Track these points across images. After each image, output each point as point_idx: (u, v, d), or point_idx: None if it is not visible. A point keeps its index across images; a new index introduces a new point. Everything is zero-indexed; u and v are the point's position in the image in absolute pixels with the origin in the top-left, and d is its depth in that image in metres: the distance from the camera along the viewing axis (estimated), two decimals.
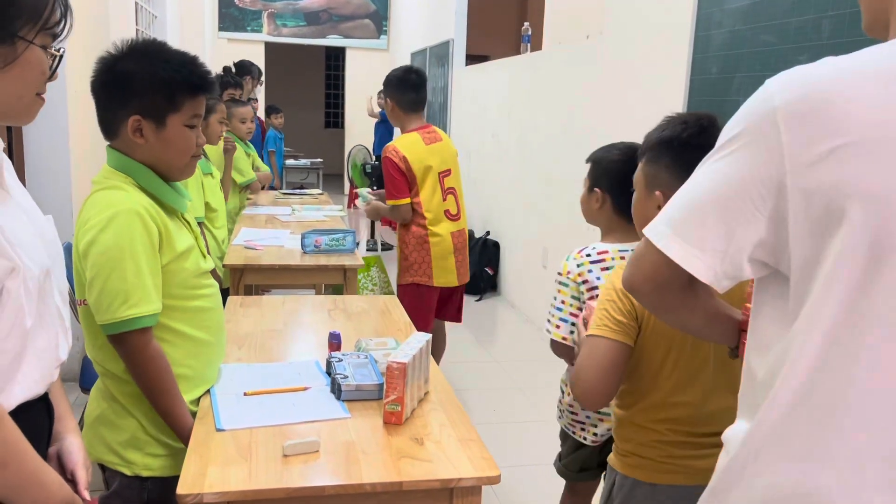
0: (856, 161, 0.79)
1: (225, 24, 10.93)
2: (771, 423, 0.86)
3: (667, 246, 0.93)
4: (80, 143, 3.40)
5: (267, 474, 1.31)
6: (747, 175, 0.87)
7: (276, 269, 3.09)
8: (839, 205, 0.80)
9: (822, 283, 0.82)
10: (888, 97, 0.80)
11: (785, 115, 0.84)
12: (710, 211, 0.90)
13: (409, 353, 1.56)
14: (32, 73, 1.03)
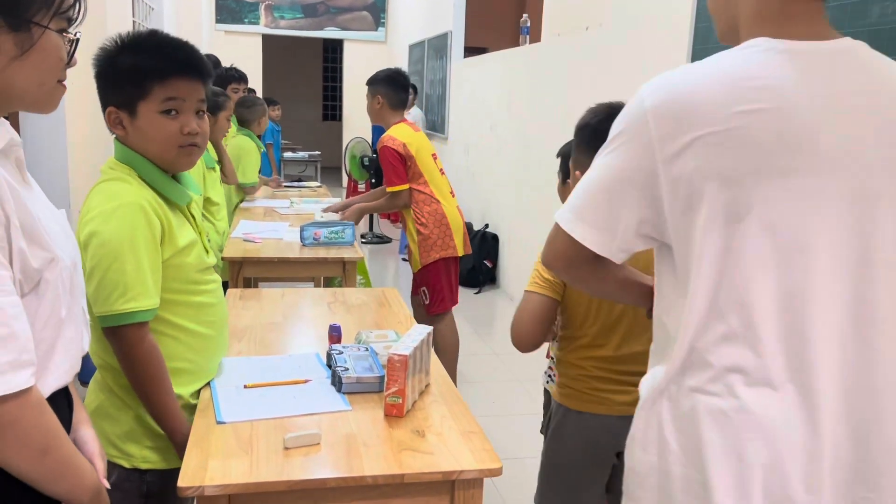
0: (708, 150, 1.00)
1: (222, 16, 10.89)
2: (677, 367, 1.08)
3: (571, 228, 1.12)
4: (78, 136, 3.39)
5: (268, 467, 1.31)
6: (628, 166, 1.07)
7: (275, 262, 3.09)
8: (699, 186, 1.01)
9: (696, 252, 1.04)
10: (731, 97, 1.00)
11: (654, 116, 1.04)
12: (602, 197, 1.10)
13: (411, 345, 1.55)
14: (51, 59, 1.02)
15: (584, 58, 4.36)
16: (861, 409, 1.02)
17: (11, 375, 0.91)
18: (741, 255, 1.02)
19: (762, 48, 1.05)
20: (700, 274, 1.04)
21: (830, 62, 1.05)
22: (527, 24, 5.95)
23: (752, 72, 1.03)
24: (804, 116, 1.01)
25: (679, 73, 1.06)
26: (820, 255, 1.01)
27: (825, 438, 1.01)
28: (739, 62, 1.04)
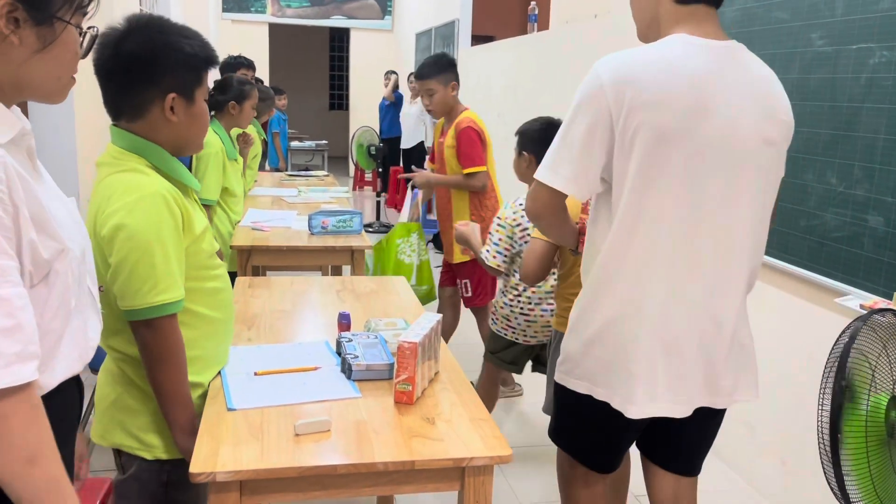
0: (644, 113, 1.39)
1: (229, 5, 10.87)
2: (608, 273, 1.50)
3: (552, 181, 1.48)
4: (86, 125, 3.39)
5: (279, 453, 1.31)
6: (591, 126, 1.44)
7: (283, 251, 3.09)
8: (634, 136, 1.40)
9: (625, 188, 1.44)
10: (661, 76, 1.40)
11: (609, 87, 1.41)
12: (573, 154, 1.46)
13: (420, 332, 1.56)
14: (69, 53, 1.03)
15: (593, 46, 4.33)
16: (715, 306, 1.49)
17: (18, 367, 0.90)
18: (652, 193, 1.43)
19: (682, 42, 1.45)
20: (621, 206, 1.45)
21: (726, 56, 1.46)
22: (535, 11, 5.91)
23: (676, 58, 1.43)
24: (707, 92, 1.41)
25: (624, 56, 1.45)
26: (700, 196, 1.44)
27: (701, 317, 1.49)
28: (667, 51, 1.45)
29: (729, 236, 1.47)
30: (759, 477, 2.80)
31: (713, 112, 1.41)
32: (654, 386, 1.49)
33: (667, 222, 1.44)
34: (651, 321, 1.47)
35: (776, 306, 2.70)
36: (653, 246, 1.45)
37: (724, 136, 1.42)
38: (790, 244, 2.56)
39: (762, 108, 1.46)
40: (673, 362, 1.49)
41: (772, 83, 1.51)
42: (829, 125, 2.37)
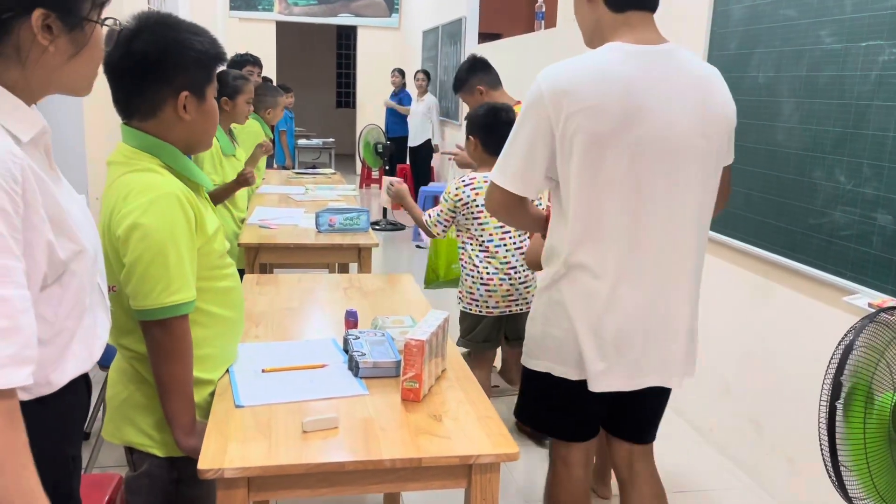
0: (581, 119, 1.53)
1: (236, 3, 10.88)
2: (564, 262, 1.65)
3: (502, 182, 1.66)
4: (95, 124, 3.41)
5: (286, 450, 1.32)
6: (534, 132, 1.59)
7: (290, 248, 3.10)
8: (572, 140, 1.55)
9: (570, 187, 1.59)
10: (595, 83, 1.54)
11: (549, 97, 1.56)
12: (519, 157, 1.63)
13: (427, 330, 1.56)
14: (99, 51, 1.06)
15: None
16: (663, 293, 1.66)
17: (11, 370, 0.87)
18: (596, 190, 1.58)
19: (616, 49, 1.59)
20: (570, 203, 1.61)
21: (660, 59, 1.60)
22: (542, 9, 5.90)
23: (609, 66, 1.56)
24: (639, 96, 1.55)
25: (562, 66, 1.59)
26: (644, 191, 1.58)
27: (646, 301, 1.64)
28: (600, 59, 1.58)
29: (674, 228, 1.63)
30: (766, 476, 2.80)
31: (647, 113, 1.55)
32: (610, 365, 1.66)
33: (609, 215, 1.59)
34: (604, 307, 1.63)
35: (784, 305, 2.69)
36: (600, 239, 1.61)
37: (661, 135, 1.56)
38: (798, 242, 2.55)
39: (698, 105, 1.60)
40: (625, 345, 1.65)
41: (708, 80, 1.64)
42: (838, 123, 2.37)
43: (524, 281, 2.85)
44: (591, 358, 1.65)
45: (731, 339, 3.02)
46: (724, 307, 3.06)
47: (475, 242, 2.83)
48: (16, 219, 0.91)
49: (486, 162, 2.73)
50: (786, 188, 2.61)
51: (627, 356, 1.66)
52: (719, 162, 1.69)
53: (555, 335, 1.69)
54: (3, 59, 0.97)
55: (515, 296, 2.84)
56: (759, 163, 2.76)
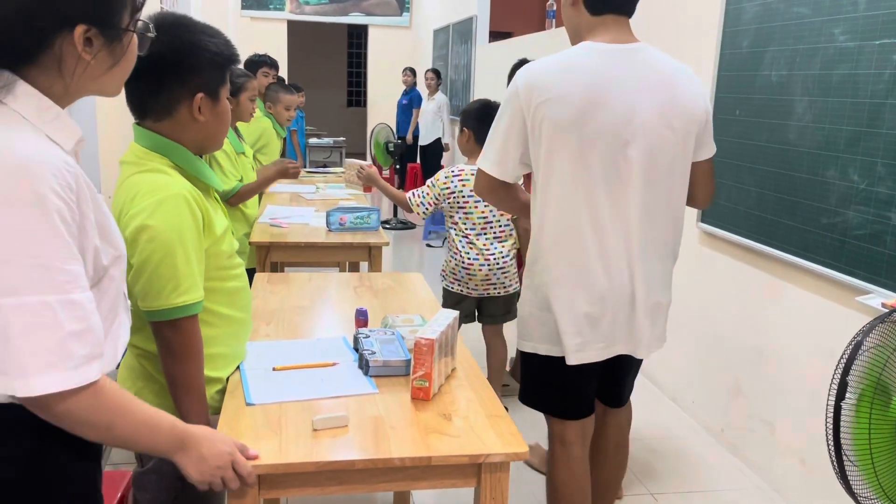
0: (548, 109, 1.72)
1: (248, 3, 10.92)
2: (539, 246, 1.84)
3: (485, 167, 1.86)
4: (108, 125, 3.43)
5: (297, 448, 1.32)
6: (511, 123, 1.80)
7: (301, 247, 3.11)
8: (541, 128, 1.74)
9: (541, 172, 1.79)
10: (563, 77, 1.73)
11: (522, 91, 1.76)
12: (500, 146, 1.83)
13: (437, 329, 1.56)
14: (133, 56, 1.08)
15: None
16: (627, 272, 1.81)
17: (86, 368, 0.97)
18: (563, 175, 1.76)
19: (585, 48, 1.79)
20: (541, 187, 1.79)
21: (628, 57, 1.78)
22: (553, 7, 5.89)
23: (577, 62, 1.76)
24: (602, 88, 1.72)
25: (537, 64, 1.79)
26: (608, 176, 1.75)
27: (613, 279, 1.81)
28: (571, 57, 1.78)
29: (639, 212, 1.79)
30: (778, 476, 2.78)
31: (605, 104, 1.72)
32: (584, 339, 1.85)
33: (571, 198, 1.77)
34: (568, 285, 1.82)
35: (797, 305, 2.67)
36: (562, 219, 1.79)
37: (617, 123, 1.73)
38: (811, 242, 2.54)
39: (660, 98, 1.76)
40: (596, 320, 1.84)
41: (676, 76, 1.80)
42: (851, 122, 2.35)
43: (502, 267, 3.11)
44: (567, 333, 1.83)
45: (742, 339, 3.00)
46: (736, 307, 3.04)
47: (458, 230, 3.10)
48: (73, 226, 0.96)
49: (477, 153, 2.82)
50: (798, 187, 2.60)
51: (599, 331, 1.84)
52: (688, 152, 1.84)
53: (536, 316, 1.89)
54: (45, 71, 0.99)
55: (493, 280, 3.11)
56: (772, 162, 2.74)
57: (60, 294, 0.94)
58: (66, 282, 0.94)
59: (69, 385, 0.95)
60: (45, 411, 0.97)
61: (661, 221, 1.84)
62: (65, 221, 0.94)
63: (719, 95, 3.09)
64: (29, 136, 0.96)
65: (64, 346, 0.94)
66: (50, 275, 0.93)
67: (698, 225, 3.26)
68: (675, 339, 3.55)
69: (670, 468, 2.96)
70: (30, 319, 0.92)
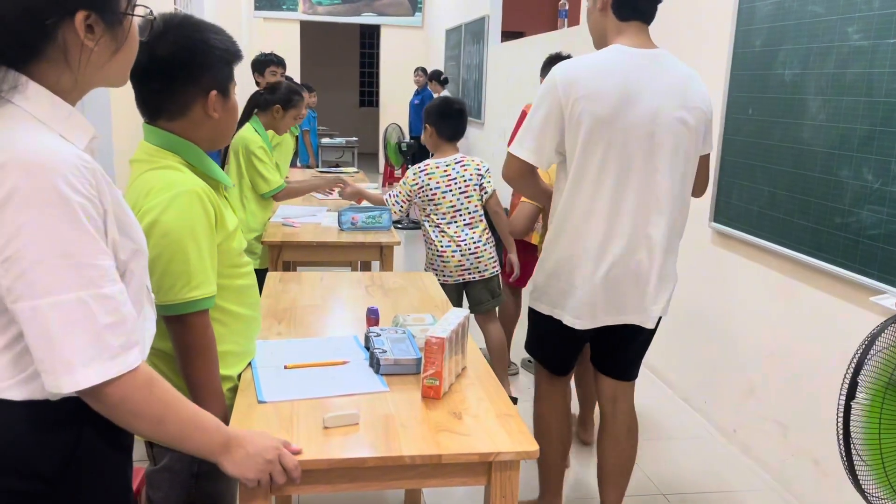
0: (586, 103, 1.92)
1: (260, 3, 10.97)
2: (566, 224, 2.06)
3: (519, 153, 2.04)
4: (122, 123, 3.46)
5: (308, 446, 1.33)
6: (548, 113, 1.99)
7: (313, 246, 3.12)
8: (579, 120, 1.94)
9: (575, 159, 1.98)
10: (598, 75, 1.94)
11: (560, 85, 1.95)
12: (535, 133, 2.02)
13: (448, 328, 1.56)
14: (135, 41, 1.08)
15: None
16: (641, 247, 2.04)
17: (123, 357, 0.99)
18: (596, 162, 1.98)
19: (616, 50, 2.00)
20: (573, 173, 2.01)
21: (652, 60, 2.01)
22: (565, 7, 5.88)
23: (610, 62, 1.98)
24: (633, 87, 1.96)
25: (574, 62, 2.01)
26: (633, 163, 1.98)
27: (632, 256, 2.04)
28: (603, 57, 2.00)
29: (651, 192, 2.01)
30: (792, 478, 2.76)
31: (636, 102, 1.96)
32: (595, 307, 2.06)
33: (603, 183, 1.99)
34: (592, 258, 2.03)
35: (810, 305, 2.66)
36: (592, 201, 2.01)
37: (646, 119, 1.97)
38: (824, 241, 2.52)
39: (679, 99, 2.00)
40: (609, 289, 2.04)
41: (690, 80, 2.05)
42: (866, 121, 2.33)
43: (474, 252, 3.23)
44: (582, 302, 2.06)
45: (755, 339, 2.99)
46: (749, 306, 3.03)
47: (431, 221, 3.25)
48: (99, 220, 0.99)
49: (440, 147, 3.24)
50: (812, 187, 2.58)
51: (611, 299, 2.06)
52: (698, 145, 2.08)
53: (553, 283, 2.12)
54: (52, 64, 1.00)
55: (467, 265, 3.23)
56: (785, 161, 2.72)
57: (93, 289, 0.96)
58: (98, 276, 0.96)
59: (108, 375, 0.97)
60: (100, 404, 1.00)
61: (678, 206, 2.07)
62: (90, 217, 0.96)
63: (732, 94, 3.08)
64: (43, 137, 0.97)
65: (101, 339, 0.97)
66: (81, 271, 0.95)
67: (711, 225, 3.25)
68: (687, 338, 3.54)
69: (682, 469, 2.95)
70: (67, 317, 0.94)
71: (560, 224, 2.07)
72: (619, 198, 1.99)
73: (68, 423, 1.03)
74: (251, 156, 3.18)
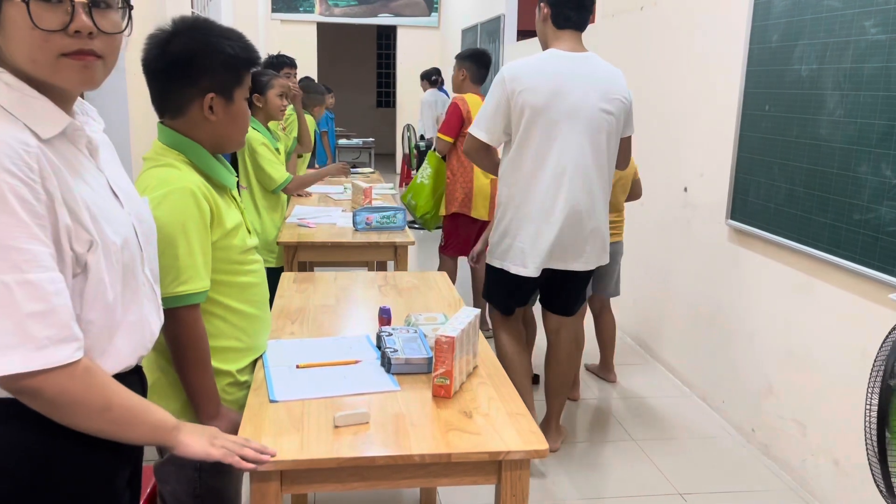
0: (526, 96, 2.50)
1: (277, 5, 11.03)
2: (513, 191, 2.63)
3: (477, 133, 2.62)
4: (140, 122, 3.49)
5: (318, 444, 1.34)
6: (497, 103, 2.56)
7: (328, 247, 3.13)
8: (522, 109, 2.51)
9: (518, 140, 2.57)
10: (535, 73, 2.52)
11: (507, 81, 2.53)
12: (488, 118, 2.59)
13: (458, 327, 1.56)
14: (21, 29, 0.95)
15: (639, 38, 4.27)
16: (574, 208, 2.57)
17: (53, 350, 0.94)
18: (534, 143, 2.53)
19: (551, 54, 2.55)
20: (516, 151, 2.57)
21: (580, 62, 2.54)
22: None
23: (546, 63, 2.53)
24: (563, 83, 2.49)
25: (518, 62, 2.53)
26: (565, 144, 2.51)
27: (569, 216, 2.57)
28: (541, 59, 2.54)
29: (580, 166, 2.53)
30: (811, 477, 2.73)
31: (566, 94, 2.49)
32: (537, 258, 2.59)
33: (540, 159, 2.53)
34: (534, 220, 2.56)
35: (828, 302, 2.62)
36: (532, 174, 2.54)
37: (574, 108, 2.50)
38: (843, 238, 2.49)
39: (602, 92, 2.53)
40: (549, 243, 2.57)
41: (612, 77, 2.58)
42: (884, 116, 2.30)
43: None
44: (526, 254, 2.59)
45: (773, 338, 2.95)
46: (767, 305, 3.00)
47: None
48: (38, 206, 0.94)
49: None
50: (830, 183, 2.55)
51: (550, 251, 2.58)
52: (619, 129, 2.62)
53: (506, 242, 2.64)
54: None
55: None
56: (803, 157, 2.69)
57: (16, 273, 0.91)
58: (24, 261, 0.92)
59: (32, 366, 0.93)
60: (37, 400, 0.97)
61: (605, 175, 2.61)
62: (21, 199, 0.92)
63: (748, 91, 3.05)
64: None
65: (22, 327, 0.92)
66: (5, 254, 0.90)
67: (728, 222, 3.22)
68: (705, 337, 3.51)
69: (700, 469, 2.92)
70: None
71: (508, 194, 2.61)
72: (554, 171, 2.52)
73: (36, 422, 1.00)
74: (254, 154, 3.20)
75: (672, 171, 3.84)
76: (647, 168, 4.11)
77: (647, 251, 4.15)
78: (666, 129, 3.91)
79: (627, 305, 4.38)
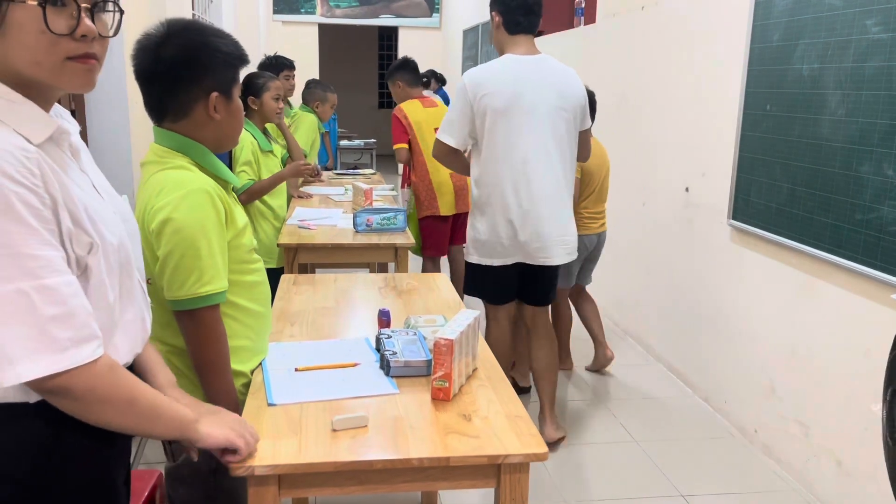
0: (486, 100, 2.67)
1: (279, 7, 11.03)
2: (483, 192, 2.79)
3: (443, 138, 2.77)
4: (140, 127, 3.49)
5: (316, 448, 1.33)
6: (461, 109, 2.72)
7: (328, 248, 3.13)
8: (484, 113, 2.69)
9: (483, 142, 2.73)
10: (494, 78, 2.69)
11: (469, 87, 2.70)
12: (454, 124, 2.75)
13: (457, 329, 1.56)
14: (29, 33, 0.94)
15: (641, 38, 4.26)
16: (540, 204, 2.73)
17: (75, 351, 0.97)
18: (498, 143, 2.68)
19: (507, 59, 2.73)
20: (482, 152, 2.72)
21: (535, 64, 2.71)
22: (581, 5, 5.84)
23: (503, 68, 2.70)
24: (520, 86, 2.66)
25: (478, 68, 2.72)
26: (527, 141, 2.68)
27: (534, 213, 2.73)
28: (499, 64, 2.72)
29: (541, 162, 2.69)
30: (814, 478, 2.72)
31: (524, 96, 2.65)
32: (509, 253, 2.77)
33: (504, 156, 2.68)
34: (503, 215, 2.72)
35: (831, 302, 2.61)
36: (498, 172, 2.70)
37: (532, 108, 2.66)
38: (845, 239, 2.47)
39: (557, 91, 2.70)
40: (519, 239, 2.73)
41: (566, 77, 2.75)
42: (886, 115, 2.28)
43: None
44: (498, 250, 2.77)
45: (776, 338, 2.94)
46: (769, 305, 2.98)
47: None
48: (45, 210, 0.95)
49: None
50: (832, 183, 2.53)
51: (522, 248, 2.75)
52: (576, 124, 2.78)
53: (482, 238, 2.79)
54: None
55: None
56: (805, 157, 2.68)
57: (34, 280, 0.93)
58: (39, 267, 0.93)
59: (57, 368, 0.95)
60: (66, 399, 0.99)
61: (565, 169, 2.77)
62: (29, 206, 0.92)
63: (749, 90, 3.03)
64: None
65: (45, 331, 0.94)
66: (20, 262, 0.92)
67: (730, 223, 3.21)
68: (707, 338, 3.50)
69: (703, 470, 2.91)
70: (6, 308, 0.91)
71: (478, 194, 2.78)
72: (520, 169, 2.68)
73: (44, 424, 1.01)
74: (240, 153, 3.17)
75: (673, 170, 3.83)
76: (648, 168, 4.10)
77: (649, 251, 4.14)
78: (667, 129, 3.90)
79: (629, 305, 4.37)
